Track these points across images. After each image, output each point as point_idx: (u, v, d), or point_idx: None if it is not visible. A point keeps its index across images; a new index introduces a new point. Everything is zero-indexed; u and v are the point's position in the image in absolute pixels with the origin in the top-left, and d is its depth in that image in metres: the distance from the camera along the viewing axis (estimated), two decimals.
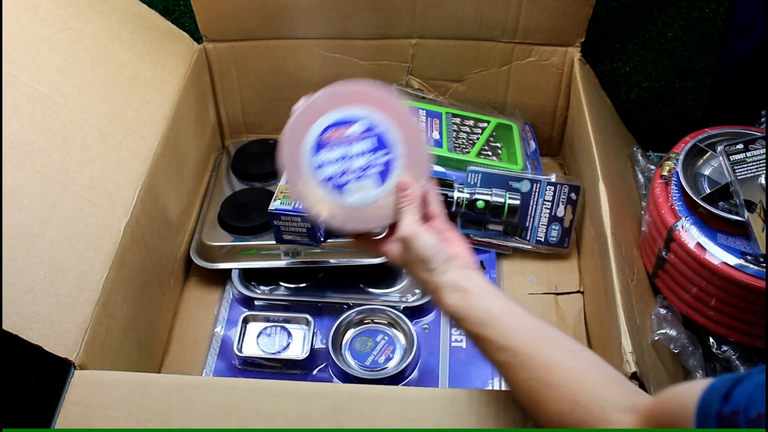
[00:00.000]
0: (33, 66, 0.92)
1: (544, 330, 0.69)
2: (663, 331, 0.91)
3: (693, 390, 0.53)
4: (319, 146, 0.77)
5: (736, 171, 0.93)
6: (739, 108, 1.25)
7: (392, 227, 0.79)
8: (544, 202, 1.12)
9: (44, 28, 0.96)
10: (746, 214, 0.90)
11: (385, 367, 0.99)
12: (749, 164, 0.93)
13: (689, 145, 1.00)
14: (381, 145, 0.77)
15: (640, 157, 1.14)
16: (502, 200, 1.09)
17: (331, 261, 1.08)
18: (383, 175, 0.77)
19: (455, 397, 0.75)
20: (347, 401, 0.74)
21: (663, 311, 0.94)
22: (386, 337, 1.02)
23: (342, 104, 0.77)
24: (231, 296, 1.10)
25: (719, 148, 0.96)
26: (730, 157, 0.94)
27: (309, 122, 0.77)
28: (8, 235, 0.79)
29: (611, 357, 0.86)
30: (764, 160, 0.93)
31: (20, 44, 0.92)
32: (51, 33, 0.96)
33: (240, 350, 1.01)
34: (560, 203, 1.12)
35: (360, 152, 0.77)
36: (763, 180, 0.92)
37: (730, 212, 0.92)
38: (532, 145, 1.23)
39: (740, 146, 0.95)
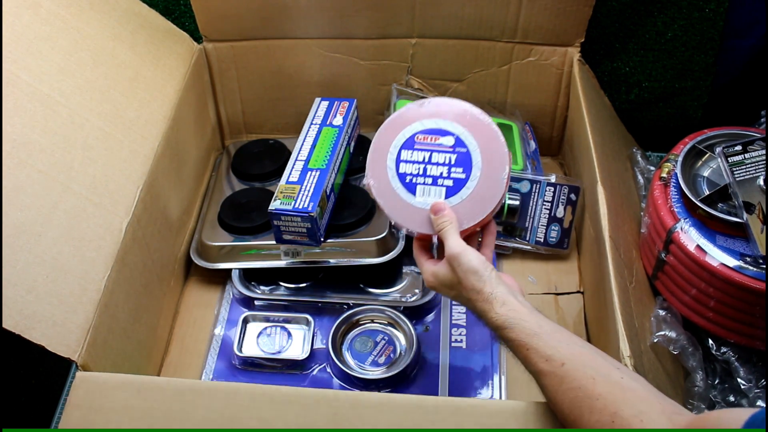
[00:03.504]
0: (34, 65, 0.92)
1: (592, 348, 0.71)
2: (662, 332, 0.92)
3: (739, 415, 0.56)
4: (408, 144, 0.83)
5: (735, 173, 0.93)
6: (739, 108, 1.26)
7: (440, 253, 0.82)
8: (544, 203, 1.12)
9: (45, 27, 0.96)
10: (745, 215, 0.90)
11: (385, 367, 0.99)
12: (748, 166, 0.94)
13: (688, 146, 1.00)
14: (460, 163, 0.82)
15: (640, 158, 1.14)
16: None
17: (331, 261, 1.08)
18: (449, 191, 0.82)
19: (457, 406, 0.75)
20: (349, 409, 0.75)
21: (662, 313, 0.94)
22: (386, 337, 1.03)
23: (442, 116, 0.83)
24: (231, 296, 1.10)
25: (717, 150, 0.97)
26: (729, 158, 0.95)
27: (406, 122, 0.84)
28: (10, 234, 0.79)
29: None
30: (763, 162, 0.93)
31: (21, 44, 0.92)
32: (52, 32, 0.97)
33: (240, 350, 1.01)
34: (560, 204, 1.12)
35: (439, 162, 0.83)
36: (761, 181, 0.92)
37: (729, 214, 0.92)
38: (532, 145, 1.23)
39: (738, 148, 0.95)
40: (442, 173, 0.83)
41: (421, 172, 0.83)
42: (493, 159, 0.82)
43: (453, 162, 0.82)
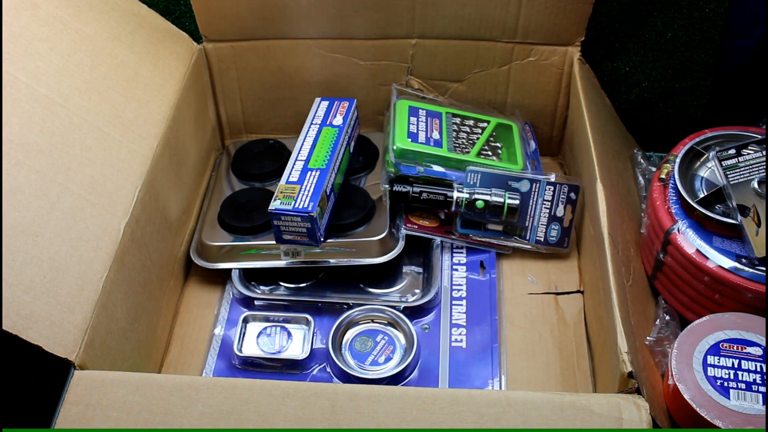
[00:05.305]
0: (33, 66, 0.92)
1: None
2: (660, 332, 0.92)
3: None
4: (713, 351, 0.87)
5: (729, 176, 0.93)
6: (739, 108, 1.26)
7: None
8: (544, 202, 1.12)
9: (44, 28, 0.96)
10: (740, 218, 0.90)
11: (385, 367, 0.99)
12: (742, 169, 0.94)
13: (686, 147, 1.00)
14: None
15: (641, 159, 1.14)
16: (501, 200, 1.09)
17: (331, 261, 1.08)
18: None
19: (455, 397, 0.75)
20: (347, 401, 0.75)
21: (661, 312, 0.94)
22: (386, 337, 1.03)
23: (745, 328, 0.89)
24: (231, 296, 1.10)
25: (711, 154, 0.97)
26: (723, 162, 0.95)
27: (709, 331, 0.89)
28: (8, 235, 0.79)
29: (608, 357, 0.86)
30: (756, 164, 0.93)
31: (20, 44, 0.92)
32: (51, 33, 0.97)
33: (240, 350, 1.01)
34: (560, 203, 1.12)
35: (750, 370, 0.86)
36: (755, 184, 0.92)
37: (726, 215, 0.92)
38: (532, 145, 1.23)
39: (732, 151, 0.95)
40: (756, 381, 0.85)
41: (731, 378, 0.85)
42: None
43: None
